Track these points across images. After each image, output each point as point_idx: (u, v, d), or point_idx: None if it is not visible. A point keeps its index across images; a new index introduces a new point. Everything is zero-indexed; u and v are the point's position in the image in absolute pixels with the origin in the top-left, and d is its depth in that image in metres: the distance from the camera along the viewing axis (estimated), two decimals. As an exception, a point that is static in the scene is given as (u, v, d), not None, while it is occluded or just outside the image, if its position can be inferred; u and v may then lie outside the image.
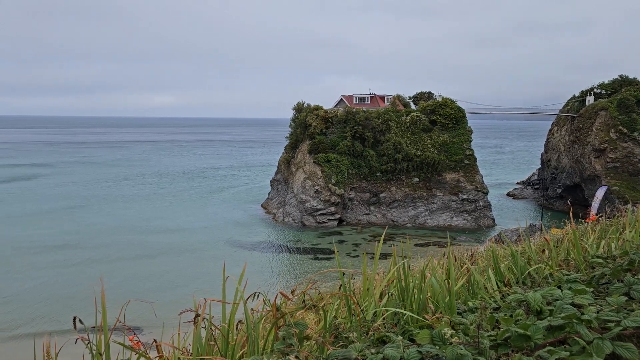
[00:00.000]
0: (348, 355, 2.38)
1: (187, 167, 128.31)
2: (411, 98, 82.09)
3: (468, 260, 6.87)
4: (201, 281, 41.05)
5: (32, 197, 79.12)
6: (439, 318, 3.95)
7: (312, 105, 74.36)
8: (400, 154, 68.20)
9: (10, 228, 57.81)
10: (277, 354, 2.78)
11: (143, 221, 63.09)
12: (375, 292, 4.37)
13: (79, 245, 50.79)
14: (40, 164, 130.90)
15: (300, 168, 68.37)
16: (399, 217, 66.85)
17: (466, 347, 2.62)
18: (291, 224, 64.56)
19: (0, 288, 38.39)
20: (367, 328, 3.83)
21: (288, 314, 3.18)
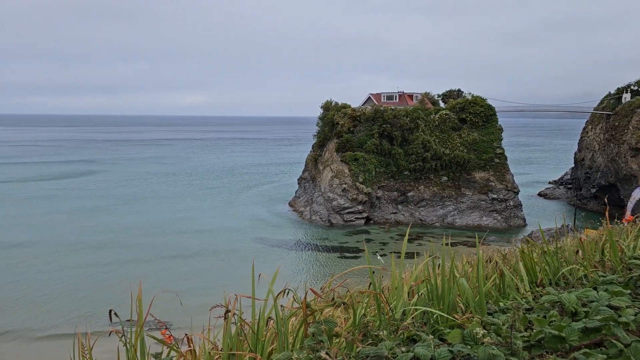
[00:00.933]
0: (379, 352, 2.37)
1: (216, 165, 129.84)
2: (440, 96, 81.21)
3: (499, 260, 6.76)
4: (229, 279, 41.53)
5: (76, 194, 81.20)
6: (469, 318, 3.91)
7: (339, 103, 74.32)
8: (429, 152, 67.56)
9: (49, 227, 58.87)
10: (307, 350, 2.79)
11: (173, 221, 63.93)
12: (404, 291, 4.34)
13: (112, 245, 51.33)
14: (86, 160, 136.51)
15: (327, 166, 68.41)
16: (427, 216, 66.25)
17: (498, 348, 2.58)
18: (318, 222, 64.67)
19: (36, 287, 39.12)
20: (396, 327, 3.81)
21: (318, 311, 3.19)
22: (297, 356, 3.00)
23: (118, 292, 34.74)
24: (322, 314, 3.51)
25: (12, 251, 48.81)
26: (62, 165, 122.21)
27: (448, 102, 75.22)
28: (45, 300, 36.54)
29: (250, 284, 3.84)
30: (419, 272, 5.22)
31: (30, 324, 32.54)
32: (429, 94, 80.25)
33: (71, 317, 33.42)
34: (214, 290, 38.44)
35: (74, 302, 36.09)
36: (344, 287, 4.68)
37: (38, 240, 52.83)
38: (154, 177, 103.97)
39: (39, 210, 68.68)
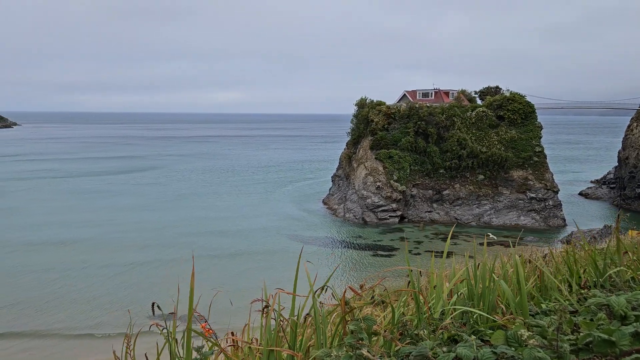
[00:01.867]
0: (423, 352, 2.34)
1: (252, 162, 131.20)
2: (477, 93, 79.71)
3: (540, 260, 6.59)
4: (264, 277, 41.88)
5: (122, 191, 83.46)
6: (509, 319, 3.82)
7: (374, 100, 73.90)
8: (465, 150, 66.44)
9: (96, 225, 59.70)
10: (347, 348, 2.78)
11: (210, 219, 64.70)
12: (443, 291, 4.28)
13: (153, 245, 51.42)
14: (139, 156, 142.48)
15: (361, 164, 68.17)
16: (463, 215, 65.22)
17: (544, 351, 2.52)
18: (352, 220, 64.55)
19: (80, 285, 39.81)
20: (435, 326, 3.76)
21: (357, 308, 3.18)
22: (337, 353, 2.99)
23: (159, 291, 35.45)
24: (361, 311, 3.50)
25: (60, 248, 50.32)
26: (113, 161, 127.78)
27: (485, 99, 73.74)
28: (88, 297, 37.29)
29: (285, 282, 3.86)
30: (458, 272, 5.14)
31: (74, 321, 33.28)
32: (465, 91, 78.88)
33: (114, 315, 33.98)
34: (250, 287, 38.92)
35: (117, 300, 36.53)
36: (381, 285, 4.65)
37: (85, 237, 53.92)
38: (203, 174, 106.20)
39: (89, 205, 70.92)
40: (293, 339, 3.42)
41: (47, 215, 64.36)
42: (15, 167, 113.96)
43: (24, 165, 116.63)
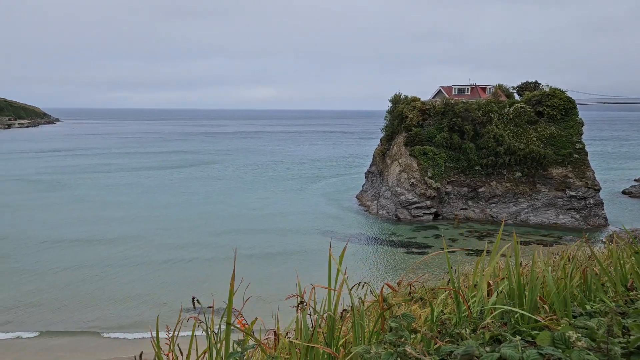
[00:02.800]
0: (470, 351, 2.28)
1: (286, 157, 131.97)
2: (515, 88, 77.92)
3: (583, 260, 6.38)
4: (299, 272, 42.07)
5: (181, 186, 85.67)
6: (553, 320, 3.71)
7: (409, 97, 73.14)
8: (502, 147, 65.03)
9: (139, 221, 60.48)
10: (387, 345, 2.74)
11: (245, 216, 65.33)
12: (483, 289, 4.19)
13: (190, 245, 50.94)
14: (191, 151, 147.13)
15: (395, 160, 67.62)
16: (499, 213, 63.93)
17: (594, 353, 2.42)
18: (385, 216, 64.17)
19: (120, 283, 40.34)
20: (474, 325, 3.68)
21: (395, 305, 3.14)
22: (376, 350, 2.96)
23: (197, 289, 35.82)
24: (400, 308, 3.45)
25: (102, 246, 51.60)
26: (165, 156, 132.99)
27: (524, 95, 71.99)
28: (127, 294, 37.83)
29: (318, 279, 3.84)
30: (498, 270, 5.02)
31: (114, 317, 33.90)
32: (503, 87, 77.21)
33: (153, 311, 34.42)
34: (284, 284, 39.11)
35: (156, 297, 36.98)
36: (418, 282, 4.59)
37: (128, 234, 54.76)
38: (251, 168, 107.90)
39: (136, 200, 72.84)
40: (330, 336, 3.41)
41: (105, 210, 66.18)
42: (71, 161, 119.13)
43: (79, 160, 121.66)
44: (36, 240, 51.20)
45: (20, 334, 30.92)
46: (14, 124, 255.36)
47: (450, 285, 3.84)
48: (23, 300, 36.19)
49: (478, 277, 4.05)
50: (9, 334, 30.87)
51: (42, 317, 33.77)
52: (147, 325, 31.82)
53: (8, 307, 34.95)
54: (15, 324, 32.52)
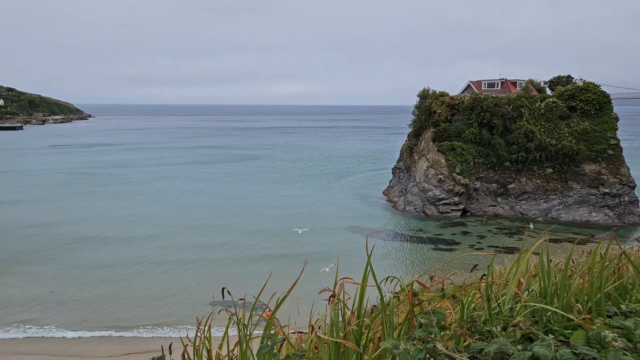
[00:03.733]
0: (504, 349, 2.26)
1: (316, 152, 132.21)
2: (547, 83, 76.19)
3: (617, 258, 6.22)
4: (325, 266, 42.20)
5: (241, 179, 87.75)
6: (586, 319, 3.63)
7: (437, 91, 72.30)
8: (533, 142, 63.70)
9: (181, 218, 60.38)
10: (417, 341, 2.73)
11: (275, 209, 65.75)
12: (514, 287, 4.13)
13: (214, 245, 49.86)
14: (234, 146, 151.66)
15: (423, 156, 67.00)
16: (529, 210, 62.74)
17: (631, 354, 2.36)
18: (412, 212, 63.70)
19: (155, 280, 40.67)
20: (505, 323, 3.64)
21: (425, 301, 3.12)
22: (405, 346, 2.95)
23: (227, 285, 35.94)
24: (430, 304, 3.43)
25: (137, 242, 52.66)
26: (207, 150, 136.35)
27: (556, 89, 70.33)
28: (161, 290, 38.15)
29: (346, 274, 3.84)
30: (530, 268, 4.93)
31: (150, 313, 34.16)
32: (534, 81, 75.57)
33: (184, 306, 34.83)
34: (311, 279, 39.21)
35: (185, 299, 36.74)
36: (448, 279, 4.54)
37: (157, 232, 55.21)
38: (292, 163, 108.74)
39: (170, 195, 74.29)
40: (359, 332, 3.41)
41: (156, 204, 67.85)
42: (120, 155, 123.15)
43: (125, 155, 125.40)
44: (86, 235, 52.10)
45: (54, 331, 31.47)
46: (48, 120, 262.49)
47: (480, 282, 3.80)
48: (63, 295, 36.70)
49: (510, 275, 3.99)
50: (43, 330, 31.53)
51: (79, 313, 34.08)
52: (179, 319, 32.33)
53: (36, 302, 35.53)
54: (48, 319, 32.92)
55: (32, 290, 37.47)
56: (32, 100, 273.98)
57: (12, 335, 30.60)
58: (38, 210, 63.52)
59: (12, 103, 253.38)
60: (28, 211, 62.64)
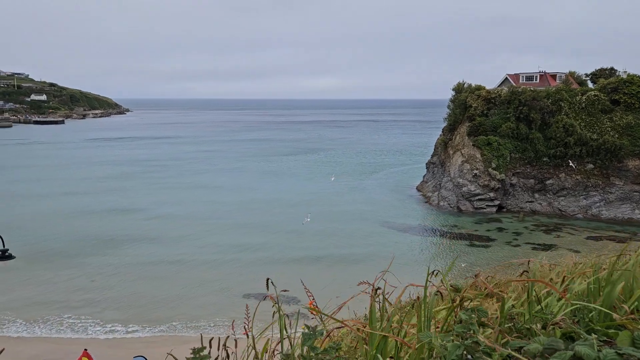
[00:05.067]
0: (555, 345, 2.25)
1: (349, 147, 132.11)
2: (588, 75, 73.85)
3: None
4: (359, 263, 42.36)
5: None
6: (630, 319, 3.56)
7: (472, 85, 71.05)
8: (572, 137, 61.90)
9: (227, 214, 59.70)
10: (455, 337, 2.75)
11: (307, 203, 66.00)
12: (557, 285, 4.08)
13: (249, 247, 47.69)
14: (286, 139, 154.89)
15: (458, 151, 66.04)
16: (568, 207, 61.10)
17: (678, 356, 2.32)
18: (446, 208, 62.96)
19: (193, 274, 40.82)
20: (544, 322, 3.61)
21: (467, 298, 3.13)
22: (442, 341, 2.97)
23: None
24: (472, 302, 3.44)
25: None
26: (264, 144, 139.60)
27: (598, 82, 68.09)
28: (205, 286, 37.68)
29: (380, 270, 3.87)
30: (567, 266, 4.86)
31: (194, 309, 33.95)
32: (574, 74, 73.38)
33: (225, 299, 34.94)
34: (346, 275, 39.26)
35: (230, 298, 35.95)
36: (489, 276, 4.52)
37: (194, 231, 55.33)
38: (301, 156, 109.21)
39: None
40: (388, 325, 3.45)
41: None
42: (170, 148, 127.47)
43: (184, 147, 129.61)
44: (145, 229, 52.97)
45: (116, 329, 31.03)
46: (88, 114, 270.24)
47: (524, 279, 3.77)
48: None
49: (553, 273, 3.95)
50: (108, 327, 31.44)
51: (136, 310, 33.61)
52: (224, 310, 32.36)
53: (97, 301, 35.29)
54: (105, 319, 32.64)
55: (96, 283, 37.63)
56: (73, 95, 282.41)
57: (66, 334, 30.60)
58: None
59: (55, 98, 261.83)
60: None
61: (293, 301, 27.02)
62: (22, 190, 72.25)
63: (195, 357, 3.61)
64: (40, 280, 38.05)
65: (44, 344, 28.94)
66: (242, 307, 4.14)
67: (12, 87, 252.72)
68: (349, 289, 4.29)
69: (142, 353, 9.53)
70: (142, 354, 9.08)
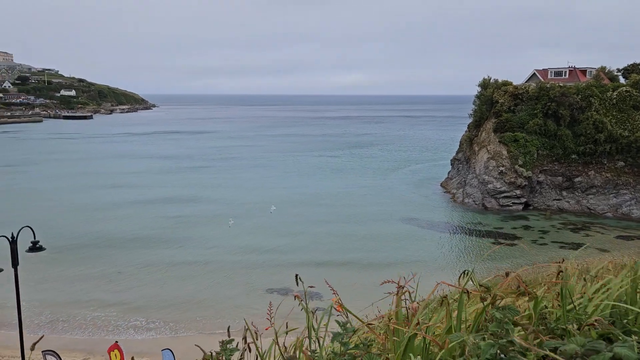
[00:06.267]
0: (597, 347, 2.19)
1: (372, 141, 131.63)
2: (620, 71, 71.93)
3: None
4: (382, 259, 42.20)
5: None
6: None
7: (499, 80, 69.91)
8: (603, 134, 60.43)
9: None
10: (488, 336, 2.70)
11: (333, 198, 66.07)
12: (590, 285, 3.98)
13: (285, 248, 46.07)
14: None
15: (483, 147, 65.13)
16: (597, 205, 59.73)
17: None
18: (471, 205, 62.21)
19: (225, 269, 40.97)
20: (579, 322, 3.52)
21: (500, 297, 3.07)
22: (474, 340, 2.92)
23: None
24: (501, 300, 3.37)
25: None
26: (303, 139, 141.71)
27: (630, 78, 66.26)
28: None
29: (404, 266, 3.82)
30: (597, 266, 4.74)
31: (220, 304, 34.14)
32: (605, 69, 71.57)
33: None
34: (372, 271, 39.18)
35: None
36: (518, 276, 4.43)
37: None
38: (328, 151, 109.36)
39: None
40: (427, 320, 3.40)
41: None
42: (209, 143, 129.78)
43: (224, 142, 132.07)
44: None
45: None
46: (115, 109, 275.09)
47: (556, 279, 3.69)
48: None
49: (585, 272, 3.85)
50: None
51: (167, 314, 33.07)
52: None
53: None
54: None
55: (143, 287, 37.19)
56: (101, 91, 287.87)
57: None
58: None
59: (83, 93, 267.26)
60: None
61: (317, 297, 27.10)
62: (68, 184, 73.42)
63: (224, 348, 3.64)
64: (70, 275, 38.73)
65: (71, 337, 29.57)
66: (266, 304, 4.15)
67: (43, 83, 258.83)
68: (373, 288, 4.25)
69: (169, 346, 9.68)
70: (169, 347, 9.22)
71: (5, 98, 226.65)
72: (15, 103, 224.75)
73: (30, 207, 58.54)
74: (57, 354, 9.72)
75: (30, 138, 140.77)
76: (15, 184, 73.47)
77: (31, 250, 16.96)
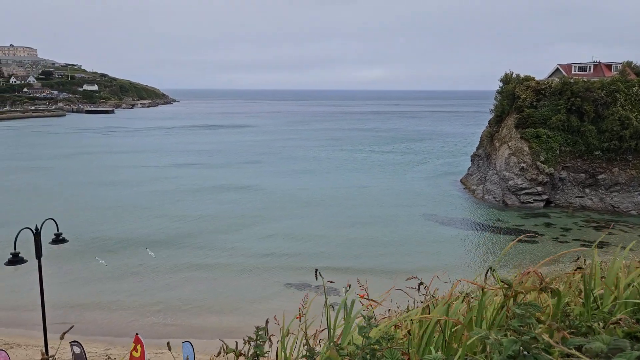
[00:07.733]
0: (621, 345, 2.15)
1: (394, 137, 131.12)
2: (647, 65, 70.23)
3: None
4: (401, 258, 42.00)
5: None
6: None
7: (521, 75, 68.87)
8: (628, 130, 59.16)
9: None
10: (511, 332, 2.67)
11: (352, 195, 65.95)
12: (614, 282, 3.90)
13: (304, 253, 43.77)
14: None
15: (504, 143, 64.30)
16: (621, 203, 58.57)
17: None
18: (491, 201, 61.53)
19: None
20: (603, 320, 3.46)
21: (523, 293, 3.03)
22: (496, 337, 2.89)
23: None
24: (523, 297, 3.33)
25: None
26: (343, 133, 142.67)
27: (657, 72, 64.71)
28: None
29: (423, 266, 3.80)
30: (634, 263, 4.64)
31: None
32: (632, 64, 69.96)
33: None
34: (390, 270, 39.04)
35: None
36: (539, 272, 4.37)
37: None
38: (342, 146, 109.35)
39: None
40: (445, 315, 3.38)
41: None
42: (247, 137, 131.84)
43: (257, 136, 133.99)
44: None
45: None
46: (136, 104, 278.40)
47: (579, 274, 3.63)
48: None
49: (613, 269, 3.78)
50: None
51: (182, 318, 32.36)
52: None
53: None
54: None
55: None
56: (123, 86, 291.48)
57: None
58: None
59: (105, 88, 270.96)
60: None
61: (334, 292, 27.05)
62: (98, 179, 73.67)
63: (258, 334, 3.67)
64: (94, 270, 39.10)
65: (92, 327, 30.04)
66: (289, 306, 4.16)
67: (66, 78, 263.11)
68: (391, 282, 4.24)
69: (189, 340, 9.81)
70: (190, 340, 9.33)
71: (29, 92, 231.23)
72: (39, 97, 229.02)
73: (60, 203, 58.83)
74: (81, 345, 9.94)
75: (55, 132, 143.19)
76: (53, 179, 73.16)
77: (54, 242, 17.30)
